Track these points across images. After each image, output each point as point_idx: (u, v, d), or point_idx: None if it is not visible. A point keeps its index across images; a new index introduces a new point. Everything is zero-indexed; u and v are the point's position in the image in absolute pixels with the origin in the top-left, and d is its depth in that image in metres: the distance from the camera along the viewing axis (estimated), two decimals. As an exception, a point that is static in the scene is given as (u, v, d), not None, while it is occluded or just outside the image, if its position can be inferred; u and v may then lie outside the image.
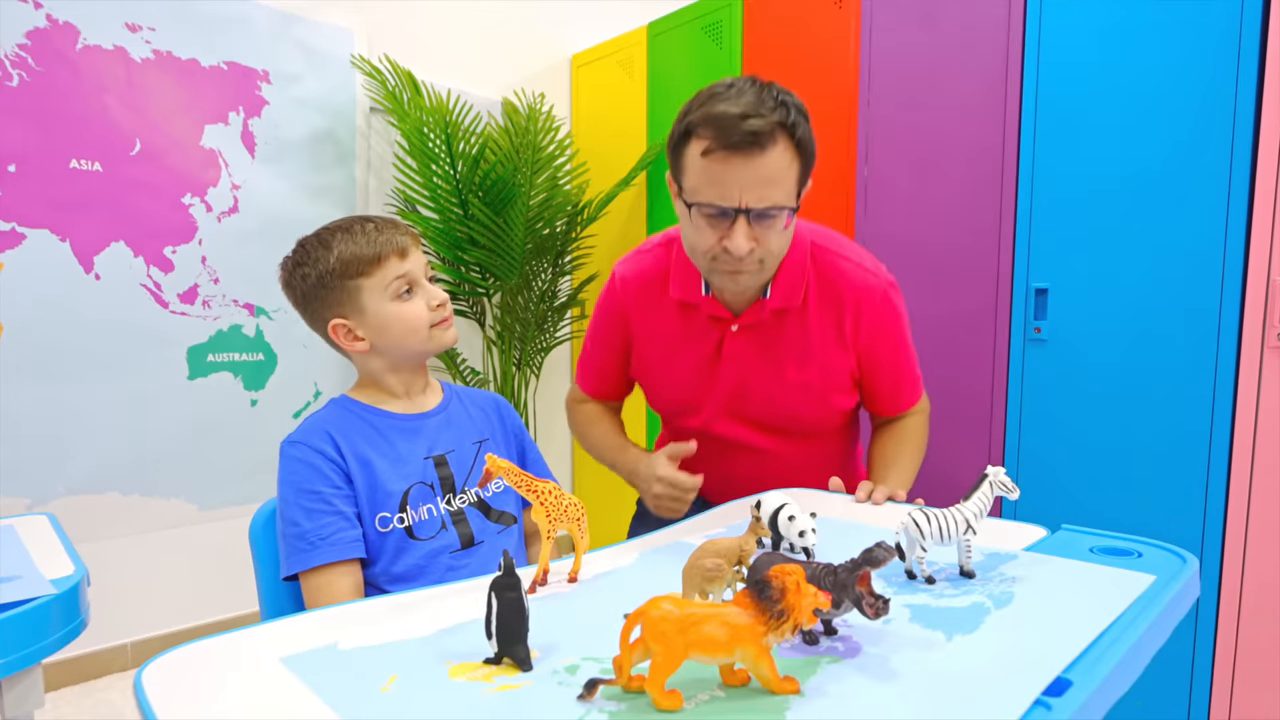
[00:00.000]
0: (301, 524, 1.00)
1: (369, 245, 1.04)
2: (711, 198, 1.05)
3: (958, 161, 1.91)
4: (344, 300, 1.05)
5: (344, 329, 1.06)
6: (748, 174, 1.02)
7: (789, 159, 1.04)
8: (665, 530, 1.01)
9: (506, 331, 2.73)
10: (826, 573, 0.63)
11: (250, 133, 2.44)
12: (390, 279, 1.04)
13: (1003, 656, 0.60)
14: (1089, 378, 1.72)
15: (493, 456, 0.75)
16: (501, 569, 0.62)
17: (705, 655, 0.54)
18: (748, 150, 1.01)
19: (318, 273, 1.04)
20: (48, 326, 2.13)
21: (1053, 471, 1.78)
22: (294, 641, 0.68)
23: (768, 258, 1.11)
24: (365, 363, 1.11)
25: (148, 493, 2.35)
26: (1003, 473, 0.80)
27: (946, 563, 0.83)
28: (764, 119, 1.00)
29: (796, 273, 1.19)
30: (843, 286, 1.21)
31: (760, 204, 1.03)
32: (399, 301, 1.05)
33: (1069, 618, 0.66)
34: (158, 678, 0.61)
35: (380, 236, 1.05)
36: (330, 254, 1.03)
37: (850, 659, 0.61)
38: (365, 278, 1.04)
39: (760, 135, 1.00)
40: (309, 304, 1.07)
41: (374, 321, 1.05)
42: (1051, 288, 1.76)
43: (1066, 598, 0.72)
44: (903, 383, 1.32)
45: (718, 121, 1.01)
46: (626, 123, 2.90)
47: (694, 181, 1.07)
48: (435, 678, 0.60)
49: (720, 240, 1.07)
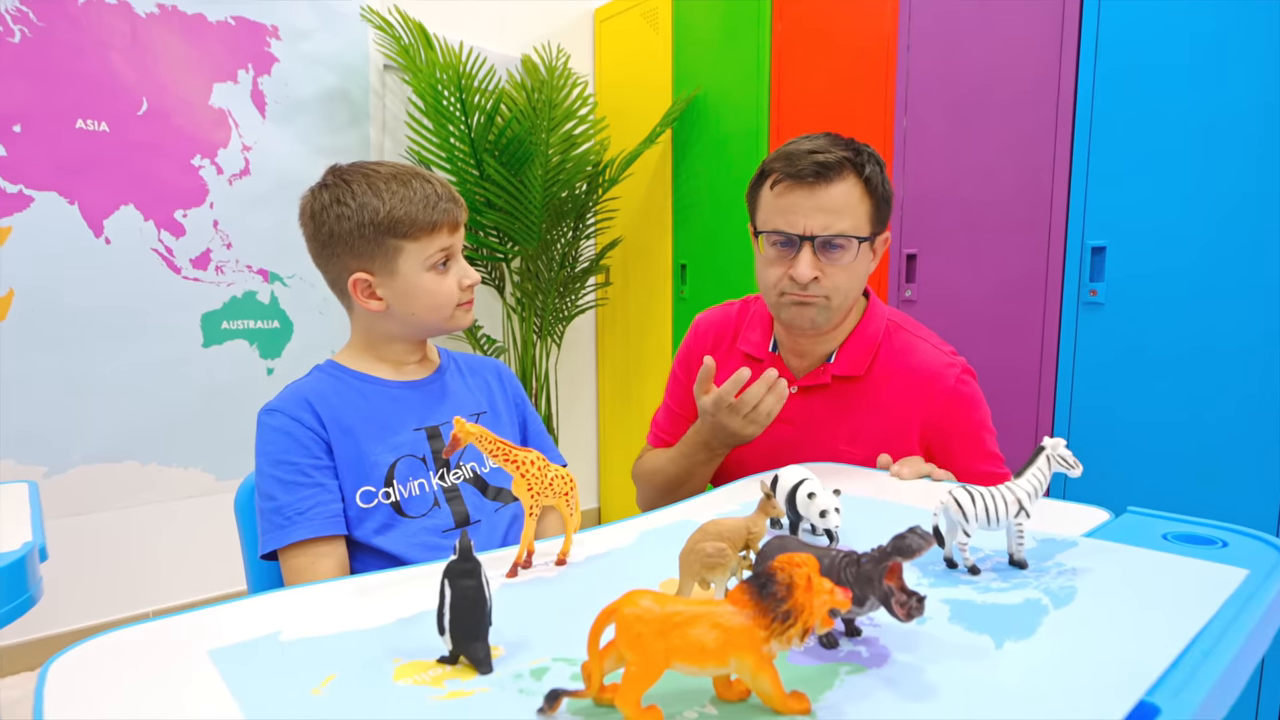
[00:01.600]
0: (277, 497, 0.92)
1: (427, 210, 0.95)
2: (778, 225, 1.07)
3: (1006, 106, 1.74)
4: (376, 256, 0.96)
5: (365, 285, 0.97)
6: (812, 202, 1.05)
7: (857, 195, 1.06)
8: (671, 508, 0.90)
9: (526, 298, 2.64)
10: (849, 563, 0.52)
11: (260, 91, 2.36)
12: (435, 249, 0.97)
13: (1067, 669, 0.48)
14: (1152, 344, 1.56)
15: (461, 421, 0.65)
16: (457, 552, 0.52)
17: (692, 665, 0.43)
18: (813, 180, 1.04)
19: (360, 220, 0.94)
20: (59, 292, 2.09)
21: (1110, 449, 1.63)
22: (230, 631, 0.59)
23: (834, 294, 1.08)
24: (372, 323, 1.02)
25: (165, 462, 2.32)
26: (1062, 445, 0.68)
27: (993, 549, 0.71)
28: (831, 154, 1.04)
29: (867, 342, 1.16)
30: (915, 366, 1.14)
31: (825, 231, 1.05)
32: (434, 273, 0.98)
33: (1147, 621, 0.54)
34: (65, 672, 0.53)
35: (440, 205, 0.96)
36: (380, 204, 0.94)
37: (876, 669, 0.50)
38: (411, 240, 0.95)
39: (827, 167, 1.04)
40: (333, 246, 0.96)
41: (402, 286, 0.97)
42: (1110, 245, 1.60)
43: (1141, 595, 0.60)
44: (981, 481, 1.13)
45: (788, 155, 1.06)
46: (651, 77, 2.76)
47: (764, 214, 1.10)
48: (378, 678, 0.51)
49: (787, 270, 1.07)
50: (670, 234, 2.76)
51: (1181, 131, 1.49)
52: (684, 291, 2.72)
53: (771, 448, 1.16)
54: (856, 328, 1.16)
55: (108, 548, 2.23)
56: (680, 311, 2.75)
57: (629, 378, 3.05)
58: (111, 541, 2.23)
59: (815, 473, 0.94)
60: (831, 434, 1.15)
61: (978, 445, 1.14)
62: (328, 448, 0.95)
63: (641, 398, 2.96)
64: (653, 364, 2.88)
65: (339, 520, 0.93)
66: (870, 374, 1.14)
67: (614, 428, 3.16)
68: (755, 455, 1.18)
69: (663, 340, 2.84)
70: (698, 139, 2.61)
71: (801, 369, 1.18)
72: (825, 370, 1.16)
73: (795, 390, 1.17)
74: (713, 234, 2.58)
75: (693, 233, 2.67)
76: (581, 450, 3.22)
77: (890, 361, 1.15)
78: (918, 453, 1.13)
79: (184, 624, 0.60)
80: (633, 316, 2.99)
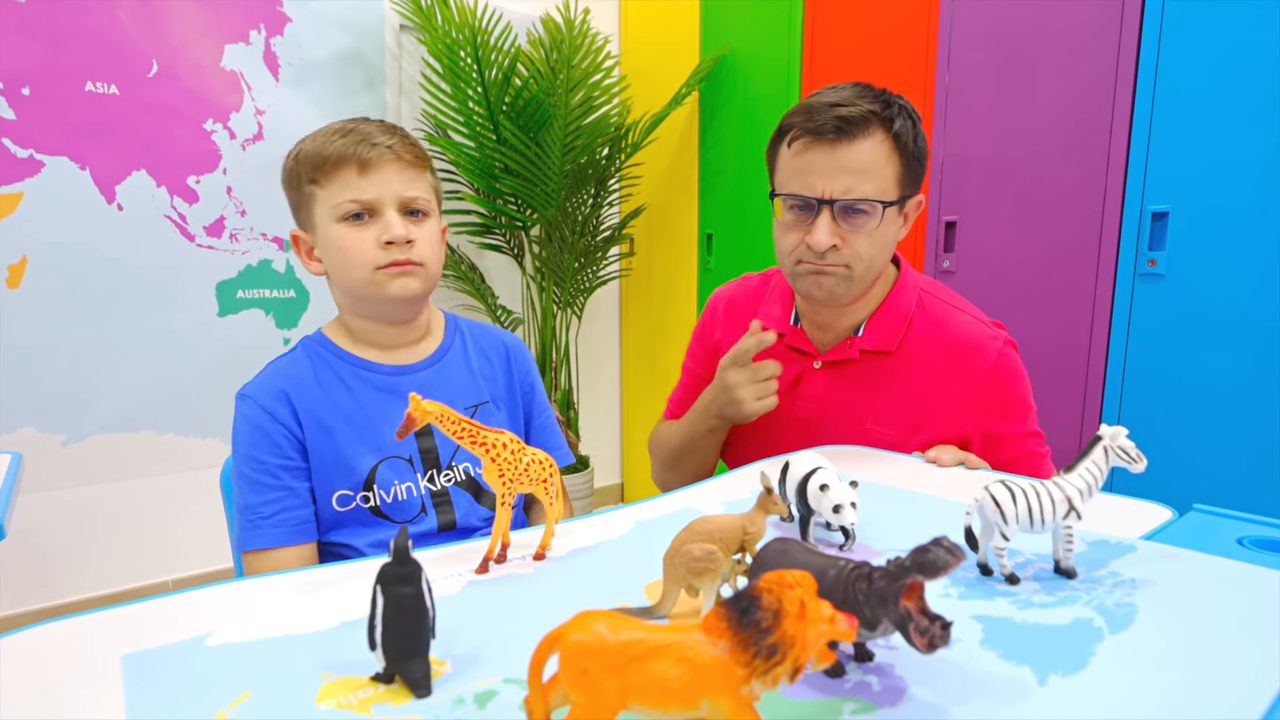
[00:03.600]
0: (246, 496, 0.86)
1: (327, 146, 0.86)
2: (795, 188, 0.97)
3: (1059, 60, 1.60)
4: (302, 207, 0.90)
5: (304, 242, 0.92)
6: (832, 162, 0.94)
7: (884, 153, 0.95)
8: (671, 495, 0.82)
9: (545, 267, 2.55)
10: (859, 576, 0.43)
11: (273, 53, 2.29)
12: (341, 197, 0.86)
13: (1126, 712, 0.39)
14: (1218, 320, 1.42)
15: (416, 397, 0.57)
16: (392, 553, 0.44)
17: (652, 708, 0.35)
18: (835, 137, 0.93)
19: (287, 168, 0.90)
20: (72, 259, 2.06)
21: (1169, 438, 1.50)
22: (156, 631, 0.52)
23: (855, 263, 0.97)
24: (331, 292, 0.95)
25: (183, 432, 2.30)
26: (1123, 435, 0.58)
27: (1035, 552, 0.62)
28: (856, 107, 0.93)
29: (898, 314, 1.05)
30: (953, 338, 1.03)
31: (845, 195, 0.94)
32: (346, 225, 0.86)
33: (1228, 649, 0.45)
34: (-44, 677, 0.46)
35: (345, 140, 0.86)
36: (305, 145, 0.88)
37: (888, 709, 0.41)
38: (317, 185, 0.87)
39: (849, 121, 0.92)
40: (289, 202, 0.93)
41: (321, 241, 0.89)
42: (1174, 210, 1.46)
43: (1217, 615, 0.50)
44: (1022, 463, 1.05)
45: (808, 109, 0.95)
46: (677, 35, 2.63)
47: (782, 175, 1.00)
48: (299, 699, 0.44)
49: (804, 237, 0.97)
50: (696, 202, 2.65)
51: (1257, 83, 1.34)
52: (710, 263, 2.61)
53: (794, 427, 1.08)
54: (886, 299, 1.06)
55: (126, 517, 2.22)
56: (706, 283, 2.64)
57: (653, 351, 2.96)
58: (129, 510, 2.23)
59: (835, 457, 0.85)
60: (859, 413, 1.05)
61: (1020, 424, 1.04)
62: (301, 447, 0.88)
63: (666, 372, 2.87)
64: (677, 337, 2.79)
65: (307, 527, 0.86)
66: (902, 349, 1.04)
67: (638, 403, 3.08)
68: (776, 435, 1.10)
69: (688, 313, 2.74)
70: (726, 101, 2.48)
71: (825, 343, 1.08)
72: (852, 344, 1.05)
73: (819, 366, 1.08)
74: (740, 202, 2.46)
75: (720, 201, 2.56)
76: (604, 426, 3.14)
77: (924, 334, 1.04)
78: (952, 434, 1.03)
79: (105, 623, 0.54)
80: (657, 288, 2.90)
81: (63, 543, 2.16)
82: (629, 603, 0.56)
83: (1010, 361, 1.03)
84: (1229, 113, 1.38)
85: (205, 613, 0.55)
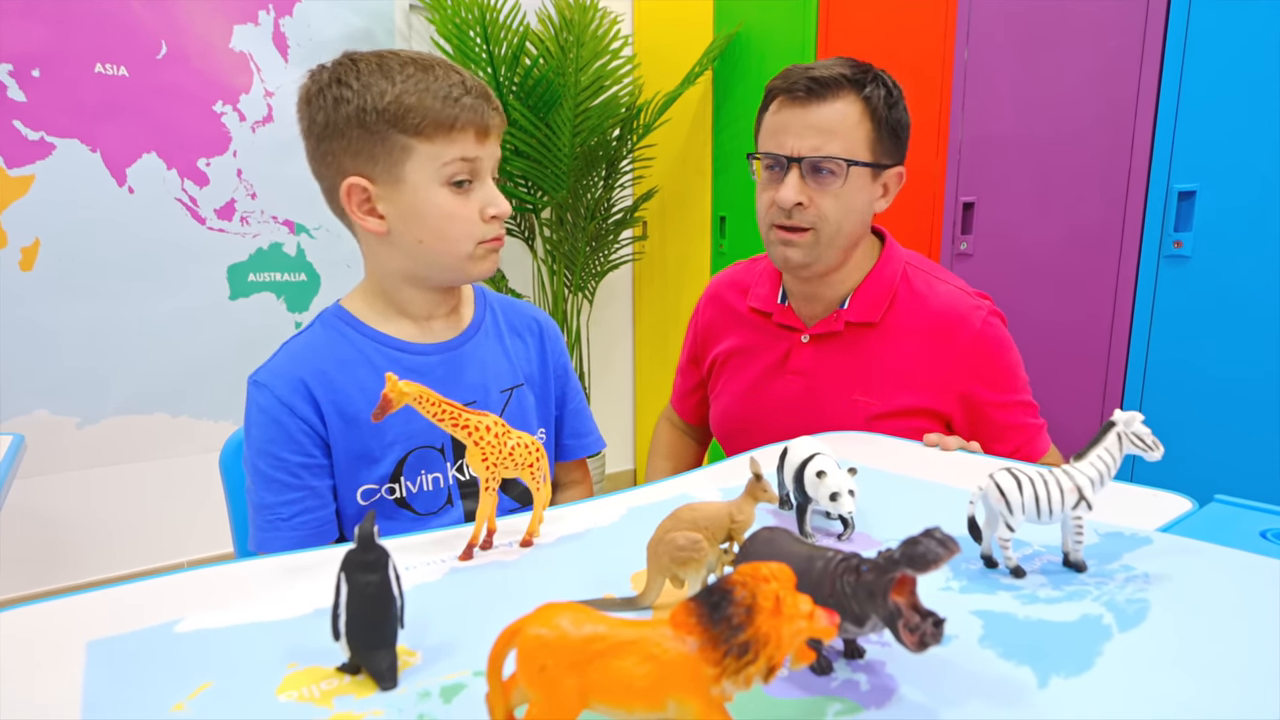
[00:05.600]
0: (262, 494, 0.80)
1: (447, 103, 0.75)
2: (768, 147, 1.01)
3: (1083, 35, 1.54)
4: (379, 155, 0.76)
5: (360, 192, 0.78)
6: (802, 121, 0.98)
7: (855, 116, 0.98)
8: (667, 482, 0.79)
9: (556, 250, 2.53)
10: (847, 569, 0.40)
11: (282, 34, 2.27)
12: (453, 156, 0.77)
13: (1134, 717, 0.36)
14: (1244, 304, 1.37)
15: (393, 378, 0.54)
16: (357, 539, 0.42)
17: (615, 708, 0.33)
18: (805, 97, 0.97)
19: (360, 104, 0.75)
20: (84, 242, 2.07)
21: (1192, 425, 1.45)
22: (127, 616, 0.51)
23: (821, 225, 0.99)
24: (379, 256, 0.83)
25: (196, 414, 2.32)
26: (1138, 421, 0.54)
27: (1044, 544, 0.59)
28: (830, 71, 0.97)
29: (882, 286, 1.06)
30: (936, 309, 1.04)
31: (813, 153, 0.97)
32: (450, 190, 0.78)
33: (1247, 649, 0.42)
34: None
35: (465, 99, 0.76)
36: (390, 87, 0.75)
37: (875, 709, 0.38)
38: (423, 139, 0.76)
39: (820, 82, 0.97)
40: (328, 139, 0.78)
41: (408, 200, 0.77)
42: (1201, 189, 1.40)
43: (1236, 613, 0.47)
44: (1013, 432, 1.03)
45: (787, 73, 1.00)
46: (690, 12, 2.58)
47: (760, 137, 1.05)
48: (259, 690, 0.42)
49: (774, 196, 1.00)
50: (710, 184, 2.61)
51: (1294, 55, 1.28)
52: (723, 245, 2.57)
53: (783, 401, 1.10)
54: (871, 271, 1.07)
55: (140, 499, 2.24)
56: (719, 266, 2.60)
57: (666, 336, 2.93)
58: (144, 493, 2.24)
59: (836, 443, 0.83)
60: (846, 385, 1.06)
61: (1009, 394, 1.03)
62: (323, 443, 0.81)
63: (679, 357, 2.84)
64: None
65: (329, 527, 0.82)
66: (887, 320, 1.05)
67: (651, 387, 3.06)
68: (765, 410, 1.12)
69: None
70: (740, 81, 2.43)
71: (812, 316, 1.09)
72: (838, 317, 1.07)
73: (807, 339, 1.09)
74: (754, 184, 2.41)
75: (734, 183, 2.51)
76: (617, 410, 3.12)
77: (908, 305, 1.05)
78: (940, 403, 1.03)
79: (75, 608, 0.52)
80: (670, 271, 2.86)
81: (76, 525, 2.18)
82: (614, 592, 0.53)
83: (995, 330, 1.03)
84: (1261, 87, 1.32)
85: (179, 598, 0.54)
